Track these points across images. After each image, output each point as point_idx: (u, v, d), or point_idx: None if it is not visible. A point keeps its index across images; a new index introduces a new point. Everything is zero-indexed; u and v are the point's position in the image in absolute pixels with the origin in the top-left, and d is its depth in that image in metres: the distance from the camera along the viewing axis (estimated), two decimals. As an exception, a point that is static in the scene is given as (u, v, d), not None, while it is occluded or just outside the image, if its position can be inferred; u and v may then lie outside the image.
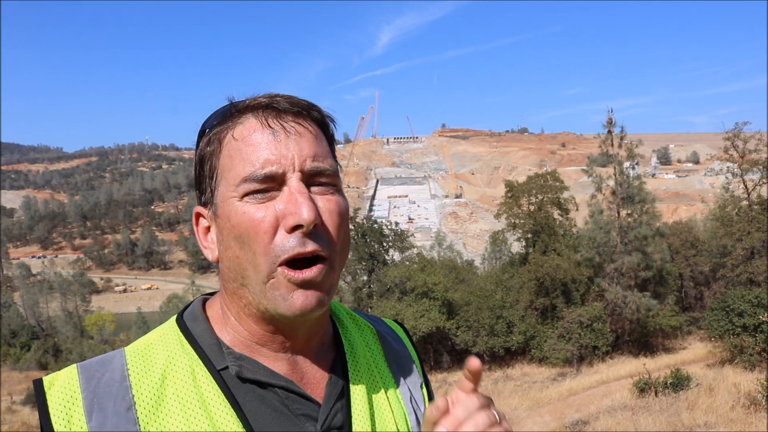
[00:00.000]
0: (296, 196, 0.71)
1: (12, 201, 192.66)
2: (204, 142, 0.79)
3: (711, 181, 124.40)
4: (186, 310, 0.83)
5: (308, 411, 0.76)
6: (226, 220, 0.74)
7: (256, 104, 0.76)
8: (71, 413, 0.68)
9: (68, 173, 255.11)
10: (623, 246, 23.34)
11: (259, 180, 0.72)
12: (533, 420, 12.52)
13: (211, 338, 0.78)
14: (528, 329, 23.49)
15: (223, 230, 0.75)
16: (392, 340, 0.97)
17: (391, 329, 1.01)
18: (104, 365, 0.73)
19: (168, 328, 0.80)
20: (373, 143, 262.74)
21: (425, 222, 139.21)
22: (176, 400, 0.71)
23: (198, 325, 0.80)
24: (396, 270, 26.46)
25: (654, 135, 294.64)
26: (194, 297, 0.91)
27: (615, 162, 23.75)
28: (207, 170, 0.78)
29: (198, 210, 0.81)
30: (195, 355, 0.75)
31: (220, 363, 0.76)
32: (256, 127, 0.74)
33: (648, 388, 12.09)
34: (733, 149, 23.50)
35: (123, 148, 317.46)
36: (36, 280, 79.92)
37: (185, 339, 0.77)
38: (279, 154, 0.72)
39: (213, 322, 0.80)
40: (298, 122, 0.76)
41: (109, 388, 0.70)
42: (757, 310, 15.74)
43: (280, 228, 0.72)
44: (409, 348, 1.00)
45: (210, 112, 0.81)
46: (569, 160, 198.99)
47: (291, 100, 0.77)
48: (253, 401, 0.74)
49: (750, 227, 22.19)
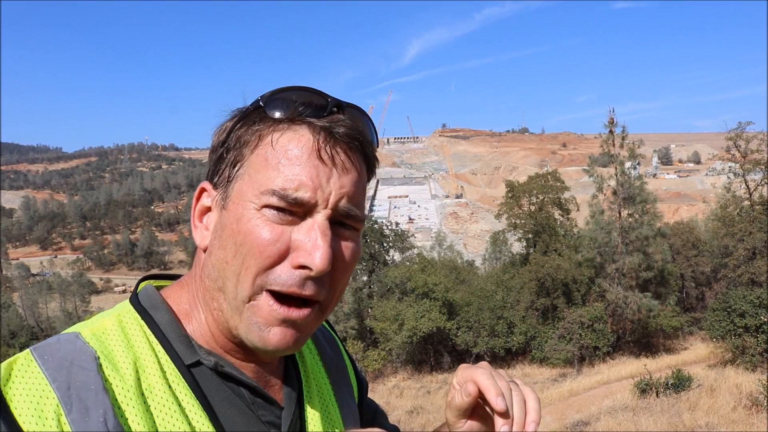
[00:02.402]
0: (318, 235, 0.66)
1: (11, 201, 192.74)
2: (243, 125, 0.71)
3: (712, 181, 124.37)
4: (139, 296, 0.75)
5: (272, 418, 0.74)
6: (235, 221, 0.68)
7: (317, 124, 0.69)
8: (44, 407, 0.58)
9: (68, 173, 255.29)
10: (624, 246, 23.31)
11: (288, 201, 0.66)
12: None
13: (179, 330, 0.71)
14: (529, 330, 23.47)
15: (226, 228, 0.69)
16: (325, 342, 0.94)
17: (323, 327, 0.98)
18: (66, 350, 0.63)
19: (125, 314, 0.71)
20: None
21: (426, 222, 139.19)
22: (152, 397, 0.65)
23: (161, 314, 0.72)
24: (396, 270, 26.46)
25: (655, 135, 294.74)
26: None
27: (616, 162, 23.73)
28: (233, 155, 0.71)
29: (205, 186, 0.74)
30: (161, 347, 0.69)
31: (188, 358, 0.70)
32: (306, 144, 0.68)
33: (649, 389, 12.08)
34: (735, 149, 23.48)
35: (123, 148, 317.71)
36: (35, 281, 79.97)
37: (148, 328, 0.70)
38: (318, 183, 0.67)
39: (178, 314, 0.74)
40: (349, 156, 0.70)
41: (84, 376, 0.61)
42: (758, 310, 15.73)
43: (287, 259, 0.67)
44: (343, 352, 0.98)
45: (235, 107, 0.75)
46: (570, 160, 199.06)
47: (352, 129, 0.70)
48: (222, 402, 0.70)
49: (752, 227, 22.16)
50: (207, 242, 0.72)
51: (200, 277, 0.73)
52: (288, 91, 0.71)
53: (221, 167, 0.72)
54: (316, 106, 0.70)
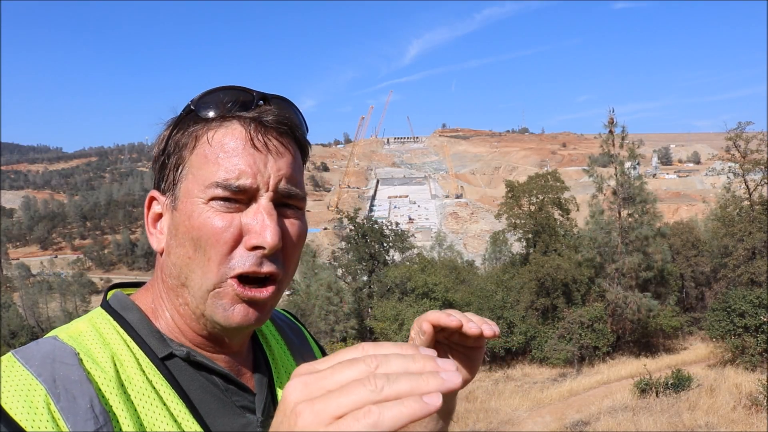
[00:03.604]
0: (264, 216, 0.71)
1: (12, 201, 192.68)
2: (179, 130, 0.76)
3: (712, 181, 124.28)
4: (108, 301, 0.79)
5: (245, 403, 0.78)
6: (186, 218, 0.72)
7: (246, 116, 0.74)
8: (33, 399, 0.60)
9: (68, 173, 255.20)
10: (624, 246, 23.31)
11: (231, 189, 0.71)
12: (534, 420, 12.51)
13: (150, 327, 0.76)
14: (529, 330, 23.47)
15: (180, 226, 0.73)
16: (289, 331, 0.99)
17: (287, 318, 1.03)
18: (46, 349, 0.67)
19: (97, 317, 0.75)
20: (374, 143, 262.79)
21: (426, 222, 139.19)
22: (131, 388, 0.69)
23: (132, 314, 0.76)
24: (396, 270, 26.46)
25: (655, 135, 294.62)
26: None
27: (616, 162, 23.72)
28: (174, 160, 0.75)
29: (154, 194, 0.78)
30: (134, 343, 0.73)
31: (161, 351, 0.74)
32: (239, 136, 0.73)
33: (649, 389, 12.09)
34: (735, 149, 23.47)
35: (123, 148, 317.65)
36: (35, 281, 79.95)
37: (121, 327, 0.74)
38: (256, 169, 0.72)
39: (147, 313, 0.78)
40: (281, 141, 0.75)
41: (67, 370, 0.64)
42: (758, 310, 15.74)
43: (241, 243, 0.71)
44: (309, 340, 1.02)
45: None
46: (570, 160, 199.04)
47: (279, 116, 0.75)
48: (197, 390, 0.74)
49: (751, 227, 22.16)
50: (163, 245, 0.76)
51: (161, 278, 0.78)
52: (215, 92, 0.76)
53: (165, 173, 0.76)
54: (243, 102, 0.75)
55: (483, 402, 14.79)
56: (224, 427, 0.74)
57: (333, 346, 22.10)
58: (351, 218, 29.21)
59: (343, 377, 0.46)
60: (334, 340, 23.56)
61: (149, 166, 0.81)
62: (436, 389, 0.45)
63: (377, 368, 0.46)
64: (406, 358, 0.47)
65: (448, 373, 0.46)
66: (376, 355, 0.48)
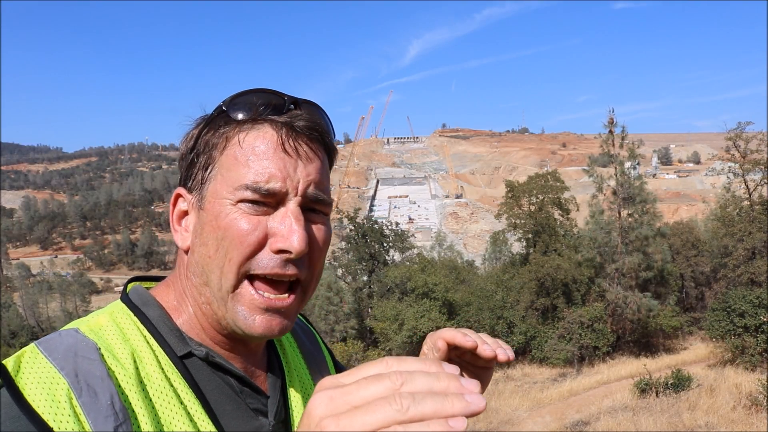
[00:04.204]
0: (292, 221, 0.71)
1: (12, 201, 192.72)
2: (209, 130, 0.76)
3: (712, 181, 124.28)
4: (129, 295, 0.79)
5: (259, 405, 0.78)
6: (214, 218, 0.73)
7: (278, 120, 0.74)
8: (56, 393, 0.61)
9: (68, 173, 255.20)
10: (624, 246, 23.32)
11: (261, 193, 0.71)
12: (534, 420, 12.52)
13: (170, 324, 0.76)
14: (529, 330, 23.47)
15: (206, 226, 0.73)
16: (302, 333, 0.99)
17: (300, 320, 1.02)
18: (69, 342, 0.67)
19: (117, 311, 0.75)
20: (374, 143, 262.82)
21: (426, 222, 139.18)
22: (150, 385, 0.69)
23: (152, 310, 0.76)
24: (396, 270, 26.46)
25: (655, 135, 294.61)
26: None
27: (616, 162, 23.73)
28: (203, 159, 0.76)
29: (180, 192, 0.79)
30: (154, 340, 0.73)
31: (180, 349, 0.74)
32: (271, 140, 0.73)
33: (649, 389, 12.09)
34: (734, 149, 23.47)
35: (123, 148, 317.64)
36: (35, 281, 79.94)
37: (141, 323, 0.74)
38: (286, 173, 0.72)
39: (168, 310, 0.78)
40: (311, 146, 0.76)
41: (89, 365, 0.65)
42: (758, 310, 15.74)
43: (266, 246, 0.72)
44: (321, 344, 1.02)
45: None
46: (570, 160, 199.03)
47: (310, 121, 0.76)
48: (213, 391, 0.74)
49: (751, 227, 22.16)
50: (188, 243, 0.77)
51: (185, 275, 0.78)
52: (247, 94, 0.76)
53: (193, 172, 0.77)
54: (275, 105, 0.75)
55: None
56: (237, 429, 0.75)
57: (333, 346, 22.11)
58: (351, 218, 29.20)
59: (368, 393, 0.46)
60: (334, 340, 23.55)
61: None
62: (461, 413, 0.44)
63: (402, 386, 0.46)
64: (431, 377, 0.46)
65: (472, 396, 0.45)
66: (401, 372, 0.47)
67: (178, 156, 0.81)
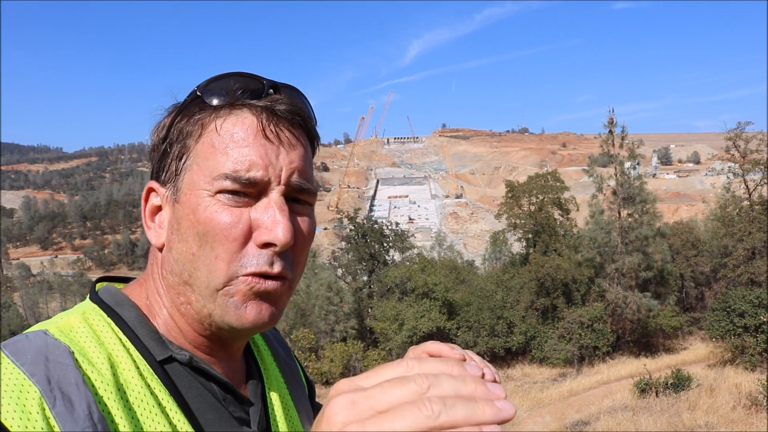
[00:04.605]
0: (276, 211, 0.67)
1: (12, 201, 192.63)
2: (183, 117, 0.71)
3: (712, 181, 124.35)
4: (100, 294, 0.72)
5: (241, 414, 0.73)
6: (191, 211, 0.67)
7: (257, 104, 0.69)
8: (26, 402, 0.54)
9: (68, 173, 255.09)
10: (624, 246, 23.32)
11: (241, 182, 0.66)
12: (534, 420, 12.52)
13: (148, 327, 0.69)
14: (528, 329, 23.48)
15: (182, 220, 0.68)
16: (275, 341, 0.94)
17: (274, 331, 0.98)
18: (38, 345, 0.60)
19: (89, 312, 0.68)
20: (374, 143, 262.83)
21: (426, 222, 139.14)
22: (129, 392, 0.63)
23: (128, 311, 0.70)
24: (396, 270, 26.45)
25: (655, 135, 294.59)
26: None
27: (616, 162, 23.73)
28: (177, 148, 0.70)
29: (152, 185, 0.72)
30: (131, 344, 0.67)
31: (160, 354, 0.68)
32: (250, 125, 0.68)
33: (649, 389, 12.09)
34: (734, 149, 23.48)
35: (123, 148, 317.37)
36: (35, 281, 79.95)
37: (116, 325, 0.68)
38: (268, 161, 0.67)
39: (143, 311, 0.71)
40: (293, 132, 0.71)
41: (63, 370, 0.58)
42: (758, 310, 15.74)
43: (251, 240, 0.67)
44: (293, 353, 0.98)
45: None
46: (570, 160, 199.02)
47: (292, 105, 0.71)
48: (195, 398, 0.69)
49: (751, 227, 22.17)
50: (163, 240, 0.71)
51: (160, 275, 0.72)
52: (222, 78, 0.70)
53: (166, 162, 0.71)
54: (253, 90, 0.70)
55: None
56: None
57: (333, 346, 22.11)
58: (351, 218, 29.20)
59: (393, 397, 0.42)
60: (334, 340, 23.55)
61: (149, 166, 0.76)
62: (492, 420, 0.41)
63: (429, 389, 0.42)
64: (457, 380, 0.44)
65: (502, 402, 0.42)
66: (427, 375, 0.44)
67: (149, 148, 0.74)
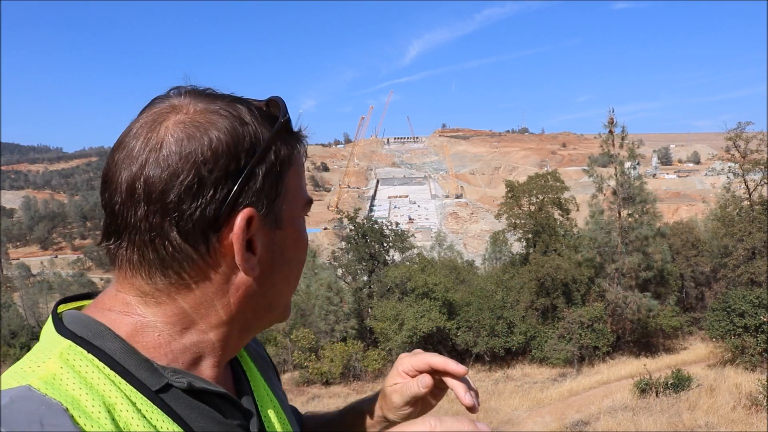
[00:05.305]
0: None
1: (12, 201, 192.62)
2: (281, 144, 0.69)
3: (712, 181, 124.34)
4: (67, 325, 0.64)
5: (241, 420, 0.71)
6: (298, 237, 0.72)
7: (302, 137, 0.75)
8: None
9: (68, 173, 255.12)
10: (624, 246, 23.31)
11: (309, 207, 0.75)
12: (534, 420, 12.51)
13: (138, 356, 0.63)
14: (528, 329, 23.47)
15: (288, 247, 0.71)
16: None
17: None
18: (28, 410, 0.53)
19: (66, 352, 0.61)
20: (374, 143, 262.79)
21: (426, 222, 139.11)
22: None
23: (110, 342, 0.63)
24: (396, 270, 26.45)
25: (655, 135, 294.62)
26: None
27: (616, 162, 23.72)
28: (274, 174, 0.67)
29: (253, 213, 0.65)
30: (122, 378, 0.61)
31: (155, 383, 0.63)
32: (302, 155, 0.74)
33: (649, 389, 12.08)
34: (734, 149, 23.47)
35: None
36: (35, 281, 79.94)
37: (100, 361, 0.61)
38: None
39: (126, 337, 0.64)
40: None
41: None
42: (758, 310, 15.72)
43: None
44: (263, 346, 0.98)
45: None
46: (570, 160, 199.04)
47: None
48: (198, 419, 0.65)
49: (751, 227, 22.16)
50: (258, 269, 0.68)
51: (235, 303, 0.68)
52: (284, 104, 0.73)
53: (255, 187, 0.65)
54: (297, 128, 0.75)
55: (483, 402, 14.79)
56: None
57: (333, 346, 22.11)
58: (351, 218, 29.18)
59: None
60: (334, 340, 23.55)
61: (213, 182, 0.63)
62: None
63: None
64: None
65: None
66: None
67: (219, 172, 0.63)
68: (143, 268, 0.63)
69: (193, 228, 0.62)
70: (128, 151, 0.63)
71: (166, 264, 0.63)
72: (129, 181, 0.62)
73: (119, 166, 0.64)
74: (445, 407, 14.93)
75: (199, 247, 0.63)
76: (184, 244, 0.62)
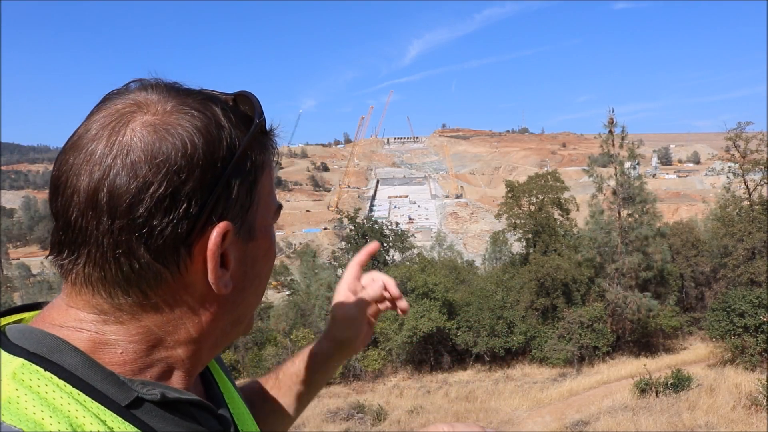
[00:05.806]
0: None
1: (12, 201, 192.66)
2: (255, 149, 0.62)
3: (712, 181, 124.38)
4: (14, 341, 0.57)
5: (216, 426, 0.66)
6: (268, 247, 0.67)
7: (275, 138, 0.68)
8: None
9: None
10: (624, 246, 23.31)
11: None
12: (534, 420, 12.52)
13: (102, 370, 0.56)
14: (528, 329, 23.47)
15: (258, 258, 0.65)
16: None
17: None
18: None
19: (20, 371, 0.53)
20: (374, 143, 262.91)
21: (425, 222, 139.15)
22: None
23: (69, 357, 0.56)
24: (396, 270, 26.46)
25: (655, 135, 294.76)
26: None
27: (616, 162, 23.72)
28: (248, 182, 0.61)
29: (228, 227, 0.59)
30: (86, 396, 0.55)
31: (123, 399, 0.56)
32: (273, 158, 0.69)
33: (649, 389, 12.08)
34: (734, 149, 23.49)
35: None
36: (35, 281, 79.97)
37: (60, 379, 0.54)
38: None
39: (86, 350, 0.57)
40: None
41: None
42: (758, 310, 15.73)
43: None
44: None
45: None
46: (570, 160, 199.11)
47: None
48: (173, 428, 0.60)
49: (751, 227, 22.17)
50: (231, 284, 0.62)
51: (206, 321, 0.63)
52: (257, 102, 0.65)
53: (229, 197, 0.60)
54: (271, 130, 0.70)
55: (483, 402, 14.81)
56: None
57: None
58: (351, 218, 29.23)
59: None
60: (334, 340, 23.55)
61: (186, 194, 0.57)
62: None
63: None
64: None
65: None
66: None
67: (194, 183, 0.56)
68: (103, 286, 0.57)
69: (163, 245, 0.55)
70: (87, 155, 0.55)
71: (131, 282, 0.56)
72: (89, 190, 0.54)
73: (76, 171, 0.55)
74: (446, 407, 14.86)
75: (170, 265, 0.56)
76: (153, 263, 0.55)
